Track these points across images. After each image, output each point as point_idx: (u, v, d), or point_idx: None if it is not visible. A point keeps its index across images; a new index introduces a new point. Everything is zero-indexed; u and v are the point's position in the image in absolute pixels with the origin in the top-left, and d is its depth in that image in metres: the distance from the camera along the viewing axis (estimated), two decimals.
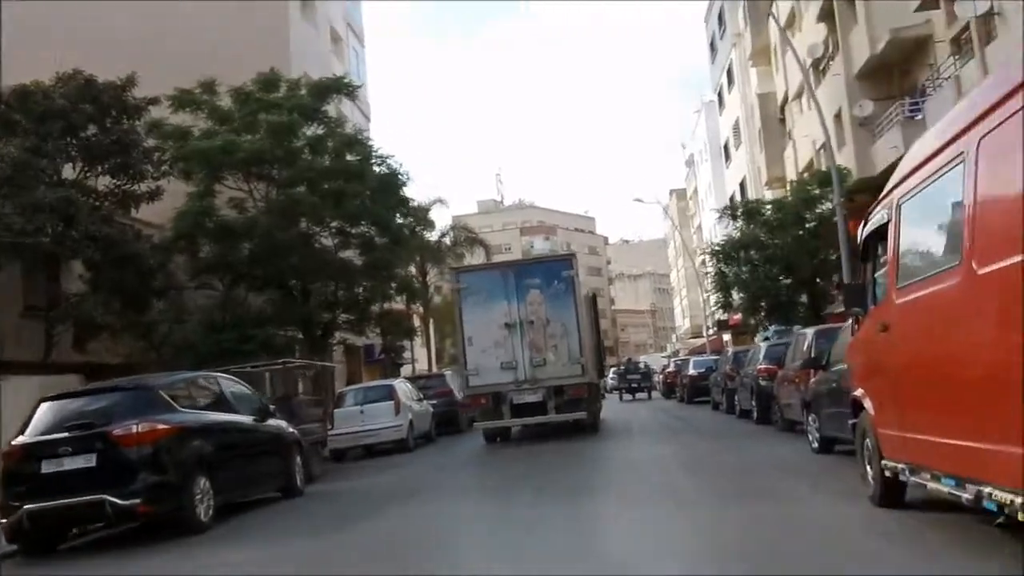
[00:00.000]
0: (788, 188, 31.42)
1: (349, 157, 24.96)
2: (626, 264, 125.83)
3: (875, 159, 26.36)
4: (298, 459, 12.35)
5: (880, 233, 6.73)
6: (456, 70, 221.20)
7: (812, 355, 12.39)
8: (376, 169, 25.66)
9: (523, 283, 17.26)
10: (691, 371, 29.01)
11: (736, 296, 30.19)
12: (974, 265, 4.66)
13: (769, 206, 28.91)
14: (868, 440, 7.10)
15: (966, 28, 20.15)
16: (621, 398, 39.02)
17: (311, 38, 32.78)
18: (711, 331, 54.13)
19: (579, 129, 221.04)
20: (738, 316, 55.62)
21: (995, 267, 4.39)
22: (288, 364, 16.43)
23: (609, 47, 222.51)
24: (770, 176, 40.97)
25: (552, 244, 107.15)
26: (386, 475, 14.98)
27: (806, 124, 34.58)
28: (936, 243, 5.43)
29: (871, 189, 28.68)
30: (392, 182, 25.89)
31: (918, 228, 5.78)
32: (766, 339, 27.85)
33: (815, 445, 11.55)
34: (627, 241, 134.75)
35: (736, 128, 48.86)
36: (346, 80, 25.92)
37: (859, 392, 7.27)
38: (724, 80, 50.88)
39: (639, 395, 39.16)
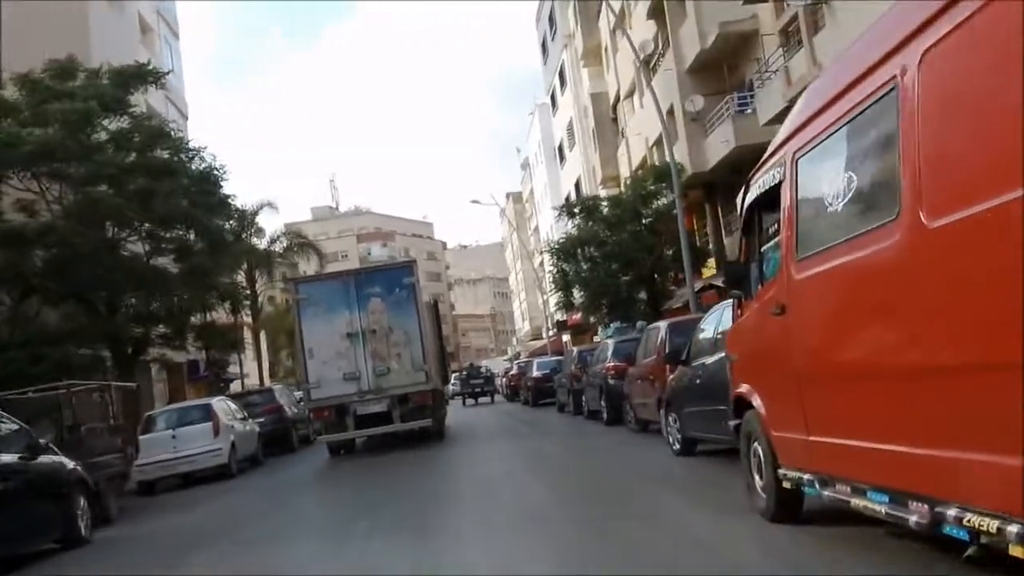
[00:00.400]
0: (623, 186, 31.12)
1: (160, 152, 22.40)
2: (465, 269, 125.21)
3: (707, 154, 26.34)
4: (83, 501, 10.19)
5: (768, 199, 5.66)
6: (287, 74, 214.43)
7: (669, 350, 11.44)
8: (192, 167, 23.24)
9: (364, 292, 16.86)
10: (535, 373, 28.12)
11: (577, 294, 29.58)
12: (922, 217, 3.54)
13: (606, 203, 28.45)
14: (758, 445, 6.00)
15: (794, 19, 20.13)
16: (464, 403, 39.64)
17: (115, 26, 29.60)
18: (551, 332, 53.74)
19: (417, 135, 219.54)
20: (577, 316, 55.68)
21: (962, 215, 3.27)
22: (73, 387, 13.96)
23: (447, 52, 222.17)
24: (605, 175, 40.94)
25: (390, 250, 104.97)
26: (201, 509, 12.94)
27: (638, 122, 34.58)
28: (853, 199, 4.32)
29: (705, 184, 28.93)
30: (209, 180, 23.51)
31: (823, 184, 4.67)
32: (610, 337, 27.40)
33: (676, 447, 10.57)
34: (465, 246, 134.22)
35: (570, 129, 48.76)
36: (152, 68, 23.25)
37: (744, 388, 6.16)
38: (556, 82, 50.72)
39: (482, 399, 39.74)
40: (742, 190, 6.26)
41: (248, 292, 33.43)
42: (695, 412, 9.69)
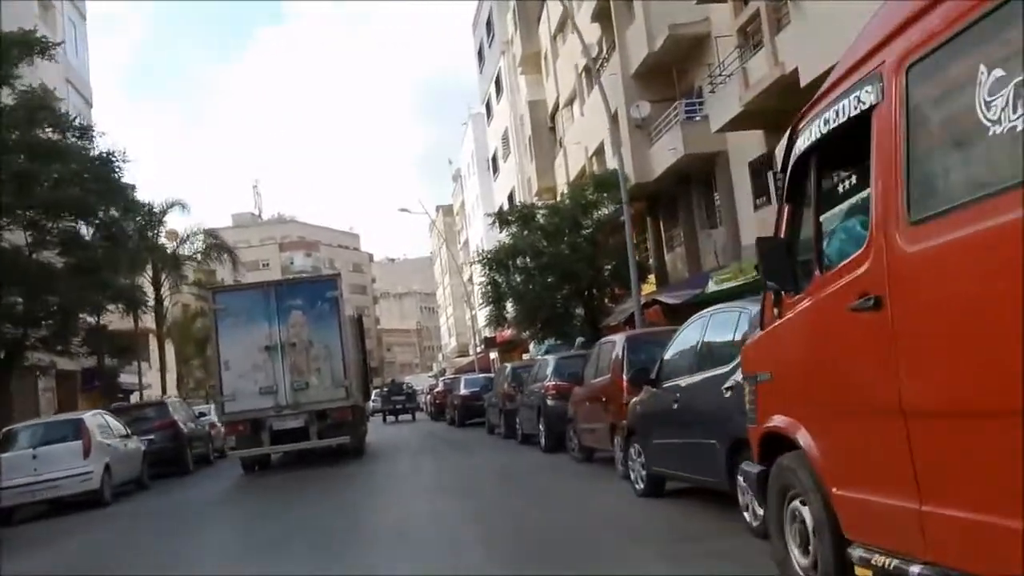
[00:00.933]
0: (560, 197, 29.37)
1: (44, 132, 19.76)
2: (391, 282, 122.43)
3: (653, 163, 24.83)
4: None
5: (836, 143, 3.82)
6: (213, 79, 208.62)
7: (630, 368, 9.57)
8: (86, 151, 20.62)
9: (285, 304, 16.34)
10: (463, 391, 26.05)
11: (510, 308, 27.68)
12: None
13: (543, 211, 26.67)
14: (802, 506, 4.13)
15: (755, 17, 18.71)
16: (385, 420, 38.03)
17: None
18: (479, 349, 51.73)
19: (345, 145, 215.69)
20: (507, 332, 53.90)
21: None
22: None
23: (378, 63, 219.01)
24: (540, 186, 39.27)
25: (314, 261, 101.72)
26: (56, 548, 10.56)
27: (578, 131, 33.04)
28: None
29: (648, 196, 27.44)
30: (105, 166, 20.91)
31: (969, 99, 2.83)
32: (546, 353, 25.62)
33: (639, 485, 8.64)
34: (393, 259, 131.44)
35: (505, 138, 47.04)
36: (40, 36, 20.57)
37: (781, 422, 4.27)
38: (492, 90, 49.01)
39: (403, 416, 38.52)
40: (784, 139, 4.39)
41: (152, 296, 30.61)
42: (668, 445, 7.83)
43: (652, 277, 26.95)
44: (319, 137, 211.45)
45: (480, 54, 51.62)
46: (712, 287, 19.24)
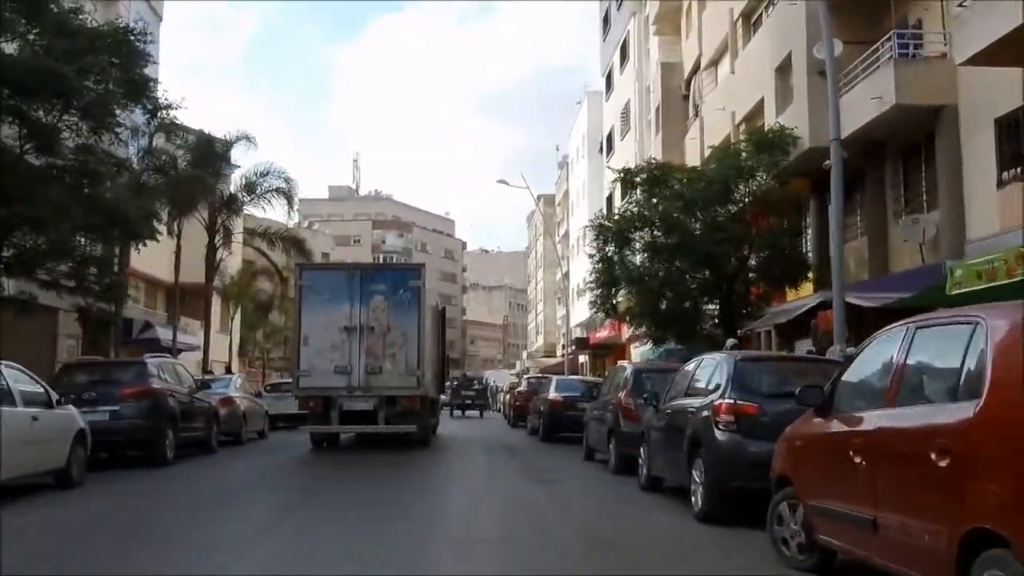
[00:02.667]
0: (707, 161, 22.87)
1: None
2: (483, 274, 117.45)
3: (847, 114, 18.27)
4: None
5: None
6: (328, 61, 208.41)
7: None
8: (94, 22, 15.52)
9: (368, 287, 16.45)
10: (552, 394, 19.93)
11: (623, 296, 21.57)
12: None
13: (682, 175, 20.44)
14: None
15: None
16: (452, 414, 34.51)
17: None
18: (569, 349, 45.65)
19: (447, 132, 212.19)
20: (602, 332, 47.64)
21: None
22: None
23: (489, 55, 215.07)
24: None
25: (406, 242, 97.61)
26: None
27: (724, 93, 26.68)
28: None
29: (813, 172, 20.92)
30: (123, 46, 15.81)
31: None
32: (669, 355, 19.47)
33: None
34: (487, 251, 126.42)
35: (625, 113, 40.90)
36: None
37: None
38: (616, 58, 42.89)
39: (469, 412, 36.30)
40: None
41: (173, 232, 25.71)
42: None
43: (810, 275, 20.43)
44: (424, 122, 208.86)
45: (606, 19, 45.58)
46: (949, 287, 12.69)
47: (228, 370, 31.89)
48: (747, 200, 19.46)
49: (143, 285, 32.95)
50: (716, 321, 20.44)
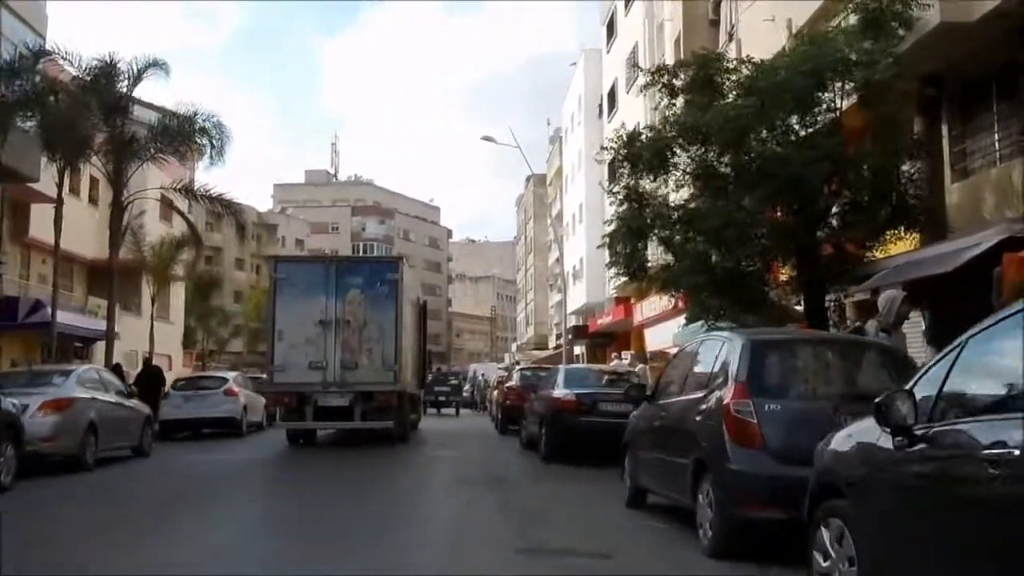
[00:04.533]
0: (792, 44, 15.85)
1: None
2: (469, 265, 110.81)
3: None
4: None
5: None
6: (313, 51, 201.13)
7: None
8: None
9: (345, 280, 15.88)
10: (561, 393, 13.19)
11: (654, 251, 15.05)
12: None
13: (742, 65, 13.77)
14: None
15: None
16: (425, 411, 28.83)
17: None
18: (566, 337, 38.93)
19: (437, 122, 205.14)
20: (605, 318, 41.17)
21: None
22: None
23: (477, 48, 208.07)
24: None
25: (388, 229, 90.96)
26: None
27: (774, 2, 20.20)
28: None
29: (931, 78, 13.76)
30: None
31: None
32: (711, 336, 12.92)
33: None
34: (473, 240, 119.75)
35: (632, 59, 34.36)
36: None
37: None
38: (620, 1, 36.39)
39: (445, 410, 33.46)
40: None
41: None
42: None
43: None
44: (411, 115, 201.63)
45: None
46: None
47: (148, 363, 25.21)
48: (841, 106, 12.99)
49: (52, 260, 26.34)
50: (787, 285, 14.04)
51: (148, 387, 18.66)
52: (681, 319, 24.03)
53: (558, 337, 54.22)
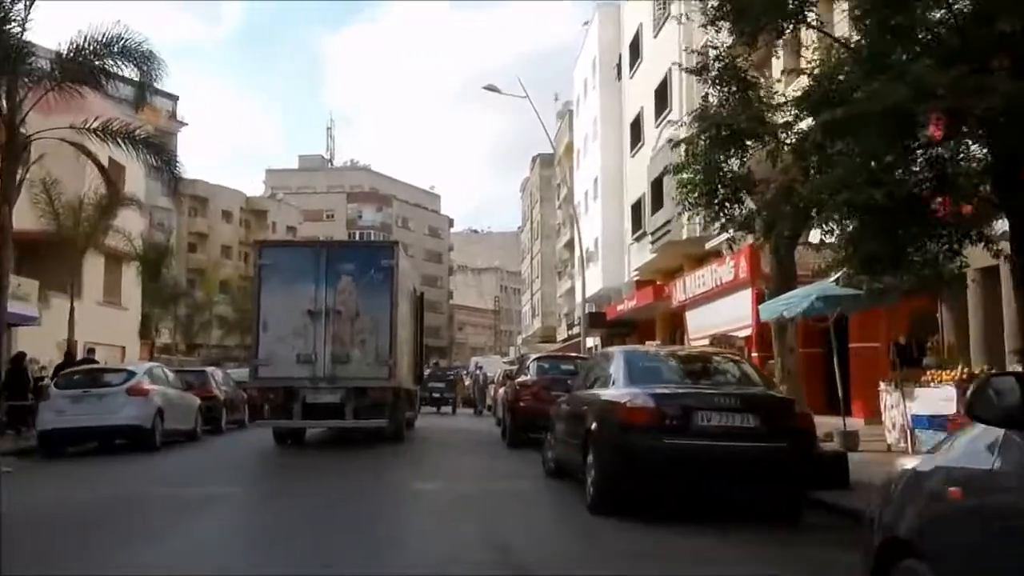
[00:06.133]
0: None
1: None
2: (471, 256, 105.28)
3: None
4: None
5: None
6: (324, 35, 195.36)
7: None
8: None
9: (336, 267, 14.41)
10: (625, 393, 7.61)
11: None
12: None
13: None
14: None
15: None
16: (420, 409, 23.85)
17: None
18: (583, 325, 33.18)
19: (439, 115, 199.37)
20: (627, 303, 35.72)
21: None
22: None
23: (478, 42, 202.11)
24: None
25: (385, 217, 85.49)
26: None
27: None
28: None
29: None
30: None
31: None
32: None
33: None
34: (476, 231, 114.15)
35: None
36: None
37: None
38: None
39: (443, 408, 29.71)
40: None
41: None
42: None
43: None
44: (414, 108, 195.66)
45: None
46: None
47: (69, 356, 19.79)
48: None
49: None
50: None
51: (17, 383, 13.21)
52: (745, 292, 18.54)
53: (569, 328, 48.68)
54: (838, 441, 11.62)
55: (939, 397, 10.74)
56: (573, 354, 20.91)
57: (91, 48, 17.25)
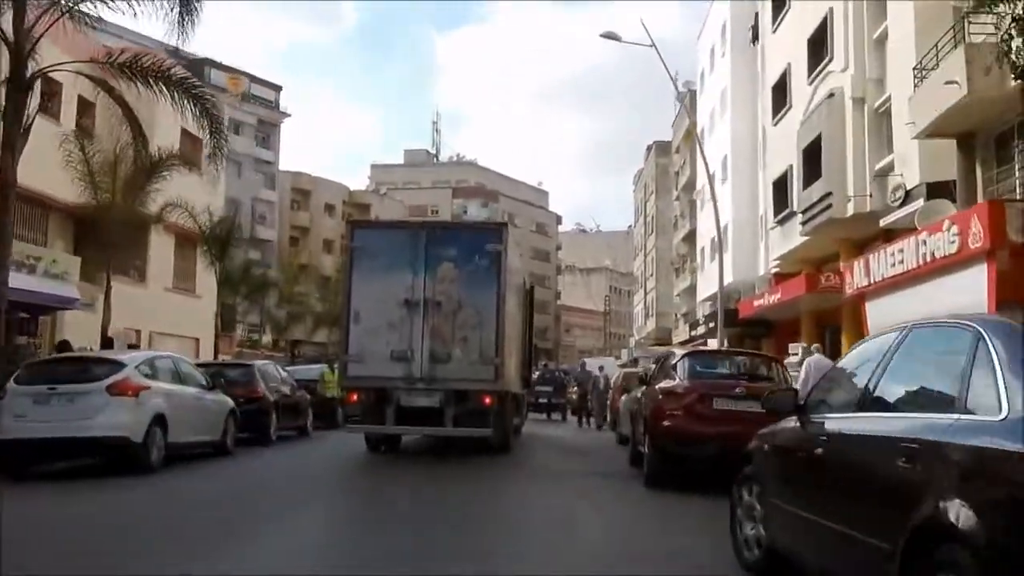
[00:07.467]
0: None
1: None
2: (580, 256, 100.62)
3: None
4: None
5: None
6: (435, 35, 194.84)
7: None
8: None
9: (436, 252, 12.83)
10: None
11: None
12: None
13: None
14: None
15: None
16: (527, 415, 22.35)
17: None
18: (720, 320, 28.03)
19: (543, 111, 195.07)
20: (769, 296, 30.45)
21: None
22: None
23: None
24: None
25: (491, 212, 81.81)
26: None
27: None
28: None
29: None
30: None
31: None
32: None
33: None
34: (584, 230, 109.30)
35: None
36: None
37: None
38: None
39: (553, 415, 27.34)
40: None
41: None
42: None
43: None
44: (516, 96, 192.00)
45: None
46: None
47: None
48: None
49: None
50: None
51: None
52: (973, 271, 13.27)
53: (692, 328, 43.31)
54: None
55: None
56: (740, 350, 16.29)
57: None
